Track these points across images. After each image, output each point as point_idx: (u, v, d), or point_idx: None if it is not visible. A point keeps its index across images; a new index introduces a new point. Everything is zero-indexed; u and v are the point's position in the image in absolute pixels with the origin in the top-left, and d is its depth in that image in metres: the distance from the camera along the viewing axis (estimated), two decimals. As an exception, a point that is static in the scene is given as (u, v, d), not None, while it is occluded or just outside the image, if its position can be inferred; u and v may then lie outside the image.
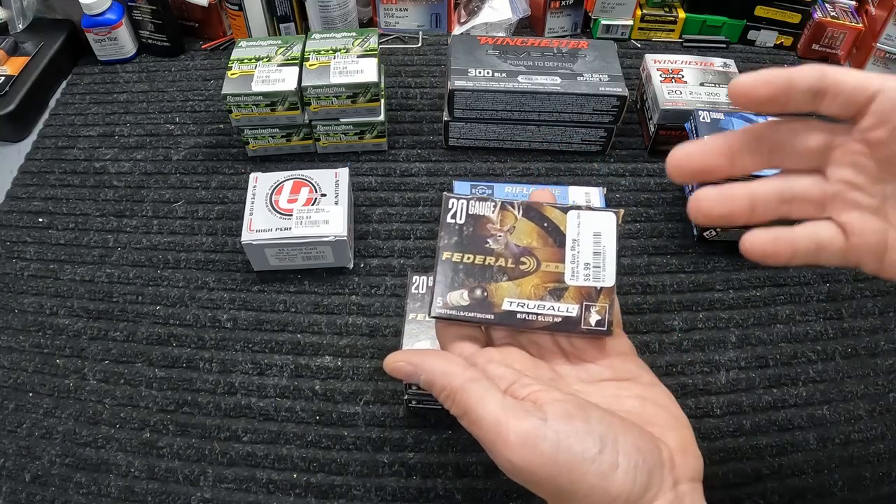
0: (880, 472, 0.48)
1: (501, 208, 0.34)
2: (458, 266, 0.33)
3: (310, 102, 0.62)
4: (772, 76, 0.27)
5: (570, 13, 0.80)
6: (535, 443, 0.27)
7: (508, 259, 0.33)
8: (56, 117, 0.73)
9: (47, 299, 0.57)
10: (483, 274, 0.33)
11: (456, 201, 0.34)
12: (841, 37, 0.77)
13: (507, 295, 0.33)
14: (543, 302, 0.33)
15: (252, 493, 0.47)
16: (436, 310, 0.32)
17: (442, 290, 0.33)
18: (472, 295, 0.33)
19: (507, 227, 0.34)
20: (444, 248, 0.33)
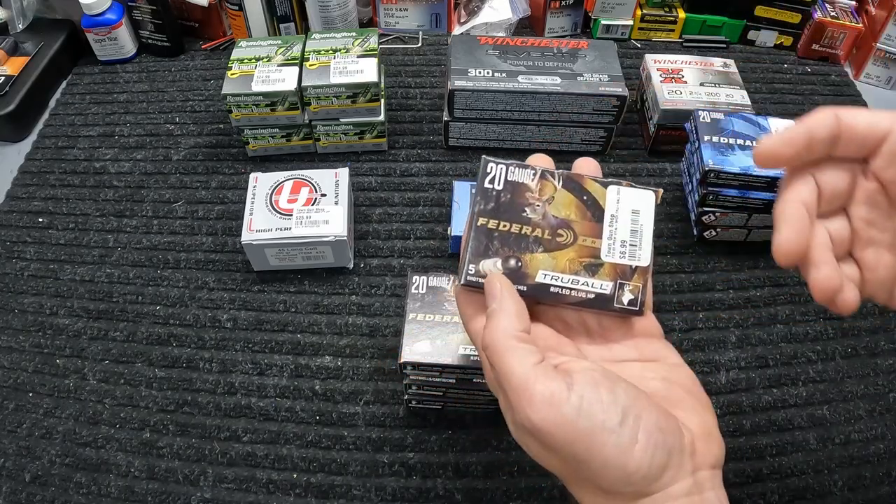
0: (880, 472, 0.48)
1: (541, 177, 0.33)
2: (492, 233, 0.32)
3: (310, 102, 0.62)
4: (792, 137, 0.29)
5: (570, 13, 0.80)
6: (559, 404, 0.27)
7: (545, 230, 0.32)
8: (56, 117, 0.73)
9: (47, 299, 0.57)
10: (518, 243, 0.32)
11: (495, 165, 0.33)
12: (841, 37, 0.77)
13: (542, 267, 0.32)
14: (578, 277, 0.32)
15: (252, 493, 0.47)
16: (467, 277, 0.31)
17: (474, 258, 0.31)
18: (505, 264, 0.31)
19: (546, 196, 0.33)
20: (479, 213, 0.32)
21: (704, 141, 0.57)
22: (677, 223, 0.62)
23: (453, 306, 0.45)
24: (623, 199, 0.33)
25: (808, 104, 0.74)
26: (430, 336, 0.44)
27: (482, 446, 0.49)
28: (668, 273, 0.59)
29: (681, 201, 0.64)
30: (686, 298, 0.57)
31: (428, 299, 0.45)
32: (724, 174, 0.55)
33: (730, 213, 0.58)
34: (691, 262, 0.59)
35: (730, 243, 0.60)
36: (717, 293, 0.57)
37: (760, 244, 0.61)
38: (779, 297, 0.57)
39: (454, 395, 0.46)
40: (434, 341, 0.43)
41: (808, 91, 0.76)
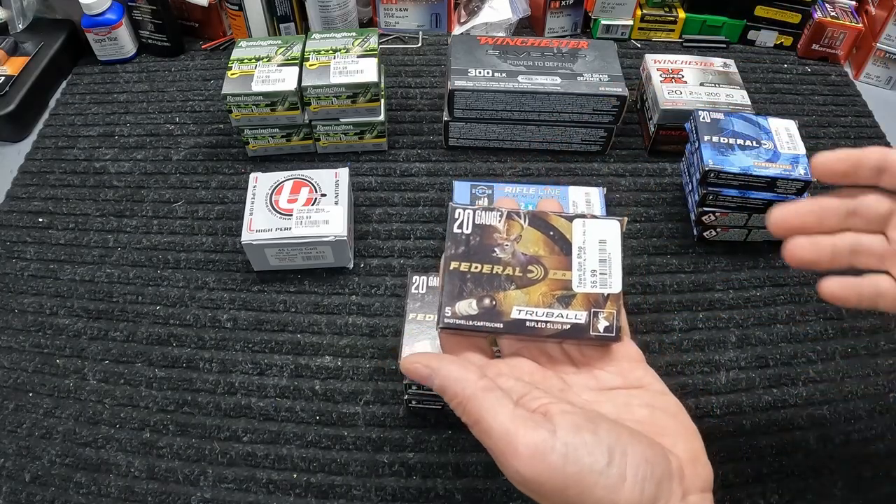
0: (880, 472, 0.48)
1: (507, 218, 0.34)
2: (465, 275, 0.33)
3: (310, 102, 0.62)
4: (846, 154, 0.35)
5: (570, 13, 0.80)
6: (544, 454, 0.27)
7: (516, 268, 0.33)
8: (56, 117, 0.73)
9: (47, 299, 0.57)
10: (491, 283, 0.33)
11: (462, 211, 0.34)
12: (841, 37, 0.77)
13: (516, 303, 0.33)
14: (552, 309, 0.33)
15: (252, 493, 0.47)
16: (444, 320, 0.32)
17: (450, 300, 0.32)
18: (480, 304, 0.32)
19: (513, 236, 0.34)
20: (451, 257, 0.33)
21: (704, 141, 0.57)
22: (677, 223, 0.62)
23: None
24: (589, 230, 0.34)
25: (808, 104, 0.74)
26: (430, 336, 0.44)
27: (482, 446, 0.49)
28: (668, 273, 0.59)
29: (681, 201, 0.64)
30: (686, 298, 0.57)
31: (428, 299, 0.45)
32: (724, 174, 0.55)
33: (730, 213, 0.58)
34: (691, 262, 0.59)
35: (730, 243, 0.60)
36: (717, 293, 0.57)
37: (760, 244, 0.61)
38: (779, 297, 0.57)
39: (454, 395, 0.46)
40: (434, 341, 0.43)
41: (808, 91, 0.76)
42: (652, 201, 0.64)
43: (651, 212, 0.63)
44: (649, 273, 0.59)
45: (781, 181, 0.55)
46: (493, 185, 0.60)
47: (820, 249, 0.36)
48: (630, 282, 0.58)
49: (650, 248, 0.60)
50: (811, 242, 0.36)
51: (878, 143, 0.71)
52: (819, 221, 0.36)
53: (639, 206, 0.64)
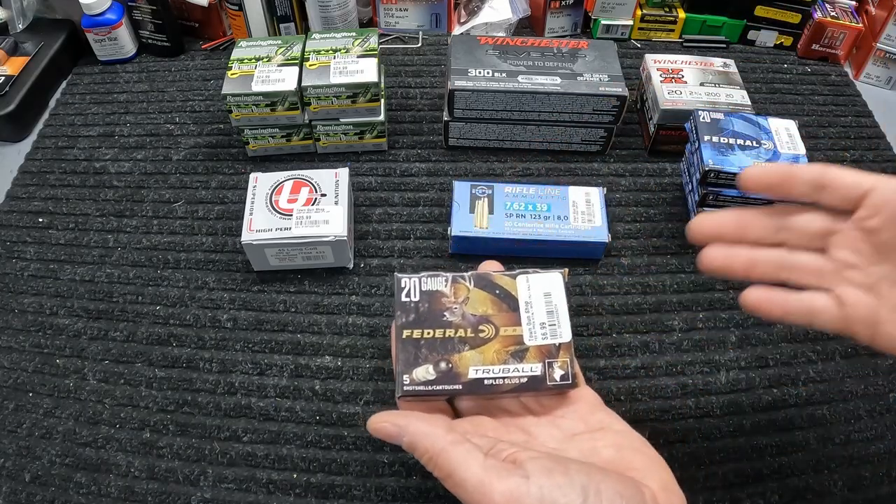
0: (880, 472, 0.48)
1: (453, 281, 0.35)
2: (419, 342, 0.34)
3: (310, 102, 0.62)
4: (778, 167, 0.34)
5: (570, 13, 0.80)
6: (520, 500, 0.28)
7: (467, 329, 0.34)
8: (56, 117, 0.73)
9: (47, 299, 0.57)
10: (445, 346, 0.34)
11: (408, 280, 0.35)
12: (841, 37, 0.77)
13: (472, 363, 0.33)
14: (507, 365, 0.34)
15: (252, 493, 0.47)
16: (404, 388, 0.33)
17: (406, 368, 0.33)
18: (437, 368, 0.33)
19: (461, 298, 0.35)
20: (402, 326, 0.34)
21: (704, 141, 0.57)
22: (677, 223, 0.62)
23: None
24: (533, 284, 0.36)
25: (808, 104, 0.74)
26: None
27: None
28: (668, 273, 0.59)
29: (681, 201, 0.64)
30: (686, 298, 0.57)
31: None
32: (724, 174, 0.55)
33: (730, 213, 0.58)
34: (691, 262, 0.59)
35: (730, 243, 0.60)
36: (717, 293, 0.57)
37: (760, 244, 0.60)
38: (779, 297, 0.57)
39: (454, 396, 0.46)
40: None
41: (808, 91, 0.76)
42: (652, 201, 0.64)
43: (651, 212, 0.63)
44: (649, 273, 0.59)
45: (781, 181, 0.55)
46: (493, 185, 0.60)
47: (732, 259, 0.36)
48: (630, 282, 0.58)
49: (650, 248, 0.60)
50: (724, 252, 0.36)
51: (878, 142, 0.71)
52: (739, 232, 0.36)
53: (639, 206, 0.64)
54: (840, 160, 0.68)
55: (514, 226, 0.57)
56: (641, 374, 0.53)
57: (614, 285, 0.58)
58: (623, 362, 0.53)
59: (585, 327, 0.55)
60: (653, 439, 0.49)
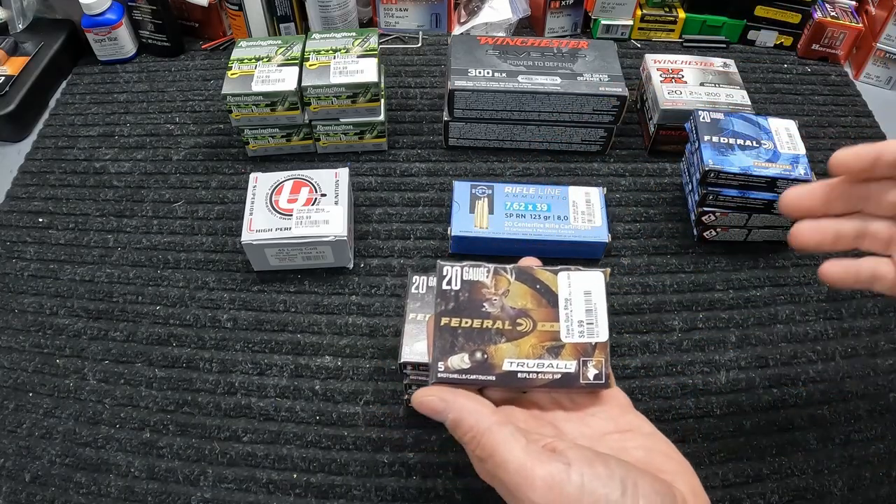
0: (880, 472, 0.48)
1: (495, 273, 0.35)
2: (456, 331, 0.34)
3: (310, 102, 0.62)
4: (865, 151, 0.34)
5: (570, 13, 0.80)
6: (561, 486, 0.28)
7: (505, 321, 0.34)
8: (56, 117, 0.73)
9: (47, 299, 0.57)
10: (482, 337, 0.34)
11: (450, 268, 0.35)
12: (841, 37, 0.77)
13: (507, 356, 0.34)
14: (542, 360, 0.34)
15: (252, 493, 0.47)
16: (438, 375, 0.33)
17: (442, 355, 0.33)
18: (472, 358, 0.33)
19: (501, 290, 0.35)
20: (441, 314, 0.34)
21: (704, 141, 0.57)
22: (677, 223, 0.62)
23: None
24: (574, 282, 0.36)
25: (808, 104, 0.74)
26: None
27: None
28: (668, 273, 0.59)
29: (681, 201, 0.64)
30: (686, 298, 0.57)
31: (428, 299, 0.45)
32: (724, 174, 0.55)
33: (730, 213, 0.58)
34: (691, 262, 0.59)
35: (730, 243, 0.60)
36: (717, 293, 0.57)
37: (760, 244, 0.61)
38: (779, 297, 0.57)
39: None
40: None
41: (808, 91, 0.76)
42: (652, 201, 0.64)
43: (651, 212, 0.63)
44: (649, 273, 0.59)
45: (781, 181, 0.55)
46: (493, 185, 0.60)
47: (823, 233, 0.37)
48: (630, 282, 0.58)
49: (650, 248, 0.60)
50: (814, 227, 0.37)
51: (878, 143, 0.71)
52: (826, 205, 0.37)
53: (639, 206, 0.64)
54: (840, 160, 0.68)
55: (514, 226, 0.57)
56: (641, 374, 0.53)
57: (614, 285, 0.58)
58: (623, 362, 0.53)
59: (585, 327, 0.55)
60: (653, 439, 0.49)
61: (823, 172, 0.70)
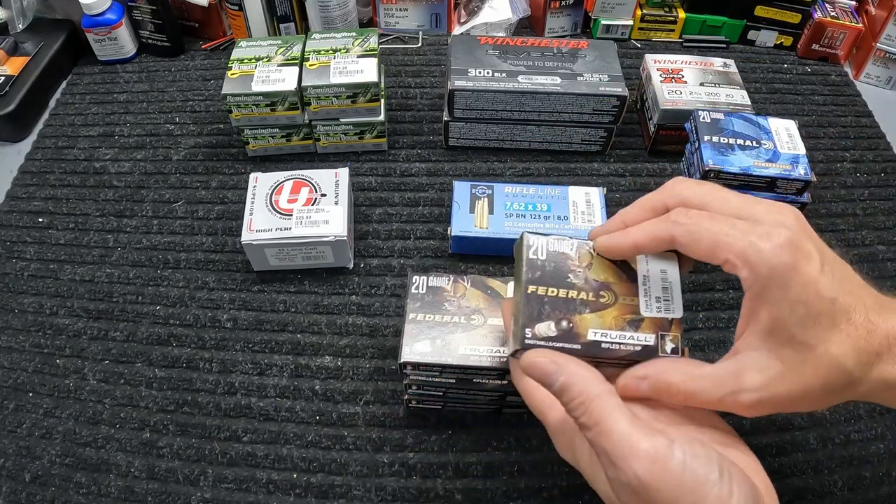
0: (880, 472, 0.48)
1: (578, 247, 0.36)
2: (543, 299, 0.34)
3: (310, 102, 0.62)
4: (621, 240, 0.35)
5: (570, 13, 0.80)
6: (665, 460, 0.28)
7: (589, 293, 0.35)
8: (56, 117, 0.73)
9: (47, 299, 0.57)
10: (567, 306, 0.34)
11: (536, 239, 0.36)
12: (841, 37, 0.77)
13: (591, 326, 0.34)
14: (624, 332, 0.34)
15: (252, 493, 0.47)
16: (525, 341, 0.33)
17: (529, 322, 0.34)
18: (558, 326, 0.34)
19: (584, 263, 0.36)
20: (528, 281, 0.35)
21: (704, 141, 0.57)
22: (677, 223, 0.62)
23: (453, 306, 0.45)
24: (651, 261, 0.37)
25: (807, 104, 0.74)
26: (430, 336, 0.44)
27: (482, 446, 0.49)
28: (668, 273, 0.59)
29: (681, 201, 0.64)
30: (686, 298, 0.57)
31: (428, 299, 0.45)
32: (724, 174, 0.55)
33: (730, 213, 0.58)
34: (691, 262, 0.59)
35: (730, 243, 0.60)
36: (717, 293, 0.57)
37: (760, 244, 0.60)
38: (779, 297, 0.57)
39: (454, 395, 0.46)
40: (434, 341, 0.43)
41: (808, 91, 0.76)
42: (652, 201, 0.64)
43: (651, 212, 0.63)
44: (649, 273, 0.59)
45: (781, 181, 0.55)
46: (493, 185, 0.60)
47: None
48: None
49: (650, 248, 0.60)
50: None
51: (877, 142, 0.71)
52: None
53: (639, 206, 0.64)
54: (840, 160, 0.68)
55: (514, 226, 0.57)
56: (641, 374, 0.53)
57: (614, 285, 0.58)
58: (623, 362, 0.53)
59: (585, 327, 0.55)
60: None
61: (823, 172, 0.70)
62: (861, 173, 0.67)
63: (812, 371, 0.30)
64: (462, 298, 0.45)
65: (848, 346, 0.30)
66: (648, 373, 0.33)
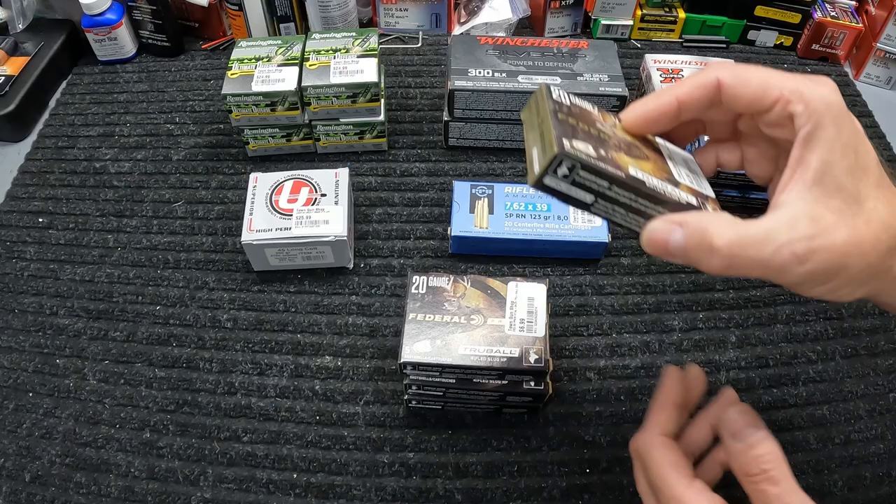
0: (880, 472, 0.48)
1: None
2: (575, 126, 0.30)
3: (310, 102, 0.62)
4: (660, 108, 0.33)
5: (570, 13, 0.80)
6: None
7: (621, 142, 0.32)
8: (56, 117, 0.73)
9: (47, 299, 0.57)
10: (601, 141, 0.30)
11: (559, 91, 0.33)
12: (841, 37, 0.77)
13: (630, 164, 0.30)
14: (666, 184, 0.31)
15: (252, 493, 0.47)
16: (565, 149, 0.28)
17: (565, 135, 0.29)
18: (597, 150, 0.29)
19: (609, 122, 0.33)
20: (556, 111, 0.31)
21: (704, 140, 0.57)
22: (677, 223, 0.62)
23: (453, 306, 0.45)
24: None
25: (808, 104, 0.74)
26: (430, 336, 0.44)
27: (482, 446, 0.49)
28: (668, 273, 0.59)
29: (681, 201, 0.64)
30: (686, 298, 0.57)
31: (428, 299, 0.45)
32: (724, 174, 0.55)
33: (730, 213, 0.58)
34: (691, 262, 0.59)
35: (730, 243, 0.60)
36: (717, 293, 0.57)
37: (760, 244, 0.60)
38: (779, 297, 0.57)
39: (454, 395, 0.46)
40: (434, 341, 0.44)
41: (808, 91, 0.76)
42: (652, 201, 0.64)
43: (651, 212, 0.63)
44: (649, 273, 0.59)
45: (781, 181, 0.55)
46: (492, 185, 0.60)
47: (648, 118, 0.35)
48: (630, 282, 0.58)
49: (650, 248, 0.60)
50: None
51: (877, 142, 0.71)
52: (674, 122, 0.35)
53: (639, 206, 0.64)
54: (840, 160, 0.68)
55: (514, 226, 0.57)
56: (641, 374, 0.53)
57: (614, 285, 0.58)
58: (623, 362, 0.53)
59: (585, 327, 0.55)
60: (653, 439, 0.49)
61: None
62: (861, 173, 0.67)
63: (864, 225, 0.28)
64: (462, 298, 0.45)
65: (892, 211, 0.28)
66: (687, 220, 0.29)
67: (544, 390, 0.45)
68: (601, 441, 0.49)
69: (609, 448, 0.49)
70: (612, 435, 0.49)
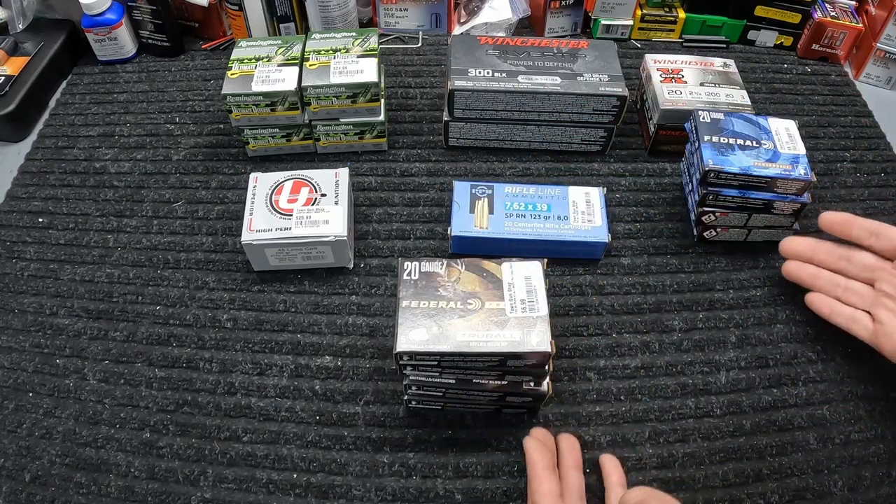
0: (880, 472, 0.48)
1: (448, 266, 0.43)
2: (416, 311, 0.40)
3: (310, 102, 0.62)
4: (843, 215, 0.52)
5: (570, 13, 0.80)
6: None
7: (458, 301, 0.42)
8: (56, 117, 0.73)
9: (47, 299, 0.57)
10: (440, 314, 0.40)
11: (410, 263, 0.44)
12: (841, 37, 0.77)
13: (461, 328, 0.39)
14: (490, 332, 0.41)
15: (252, 493, 0.47)
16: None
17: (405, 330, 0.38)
18: (430, 331, 0.37)
19: (453, 278, 0.42)
20: (403, 297, 0.41)
21: (704, 141, 0.57)
22: (677, 223, 0.62)
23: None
24: (516, 270, 0.44)
25: (808, 104, 0.74)
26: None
27: (482, 446, 0.49)
28: (668, 273, 0.59)
29: (681, 201, 0.64)
30: (686, 298, 0.57)
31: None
32: (724, 174, 0.55)
33: (730, 213, 0.58)
34: (691, 262, 0.59)
35: (730, 243, 0.60)
36: (717, 293, 0.57)
37: (760, 244, 0.61)
38: (779, 297, 0.57)
39: (454, 396, 0.46)
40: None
41: (808, 91, 0.76)
42: (652, 201, 0.64)
43: (651, 212, 0.63)
44: (649, 273, 0.59)
45: (781, 181, 0.55)
46: (492, 185, 0.60)
47: (801, 271, 0.54)
48: (630, 282, 0.58)
49: (650, 248, 0.60)
50: (797, 266, 0.54)
51: (878, 142, 0.71)
52: (810, 253, 0.54)
53: (639, 206, 0.64)
54: (840, 160, 0.68)
55: (514, 226, 0.57)
56: (641, 374, 0.53)
57: (614, 285, 0.58)
58: (623, 362, 0.53)
59: (585, 327, 0.55)
60: (652, 439, 0.49)
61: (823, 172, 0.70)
62: (861, 173, 0.67)
63: None
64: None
65: None
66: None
67: (544, 390, 0.45)
68: (601, 441, 0.49)
69: (609, 448, 0.49)
70: (612, 435, 0.49)
